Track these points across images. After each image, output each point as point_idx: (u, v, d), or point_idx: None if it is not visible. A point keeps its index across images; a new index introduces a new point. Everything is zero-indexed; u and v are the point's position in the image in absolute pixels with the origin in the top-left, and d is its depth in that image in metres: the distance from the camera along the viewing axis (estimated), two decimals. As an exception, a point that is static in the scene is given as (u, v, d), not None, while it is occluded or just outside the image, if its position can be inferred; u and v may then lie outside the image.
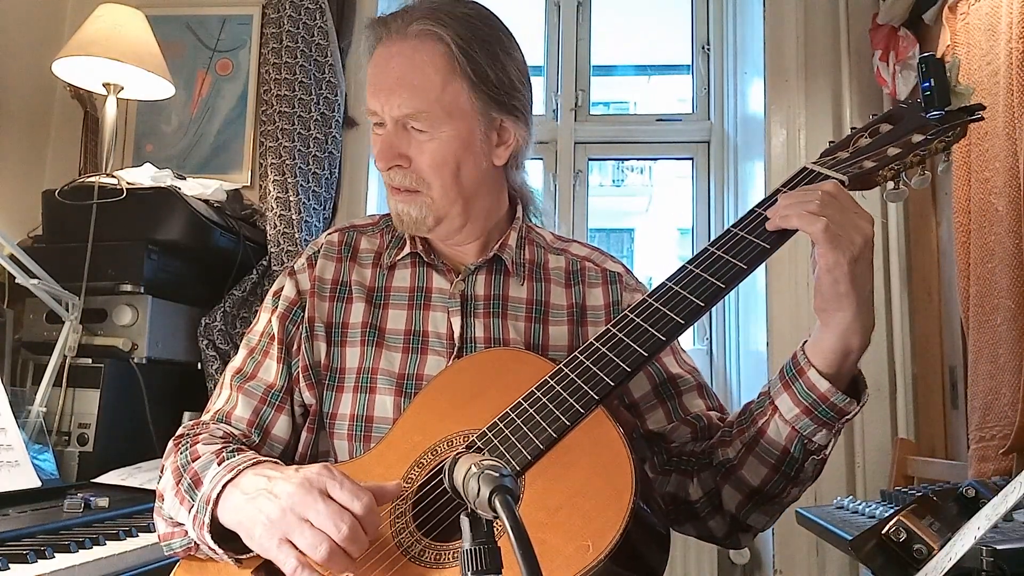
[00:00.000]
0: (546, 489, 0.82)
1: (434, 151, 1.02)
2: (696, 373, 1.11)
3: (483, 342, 1.06)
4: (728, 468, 0.97)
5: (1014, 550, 0.92)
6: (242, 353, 1.11)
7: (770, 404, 0.93)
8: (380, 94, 1.02)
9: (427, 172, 1.03)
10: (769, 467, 0.94)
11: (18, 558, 1.16)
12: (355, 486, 0.83)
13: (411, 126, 1.02)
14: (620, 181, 5.78)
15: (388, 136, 1.03)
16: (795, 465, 0.93)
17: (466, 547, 0.60)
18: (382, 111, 1.02)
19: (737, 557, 2.33)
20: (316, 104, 2.46)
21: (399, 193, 1.05)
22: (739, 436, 0.97)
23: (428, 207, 1.04)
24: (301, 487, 0.83)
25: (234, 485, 0.89)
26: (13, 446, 1.61)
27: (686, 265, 0.93)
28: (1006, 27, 1.65)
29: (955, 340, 2.00)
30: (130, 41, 2.15)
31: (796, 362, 0.91)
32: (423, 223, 1.05)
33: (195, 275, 2.17)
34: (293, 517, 0.82)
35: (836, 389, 0.88)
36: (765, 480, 0.95)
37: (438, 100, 1.00)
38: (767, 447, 0.93)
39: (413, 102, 1.00)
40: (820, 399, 0.89)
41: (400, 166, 1.03)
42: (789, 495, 0.97)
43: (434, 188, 1.03)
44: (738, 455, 0.96)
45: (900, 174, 0.97)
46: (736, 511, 0.98)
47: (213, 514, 0.90)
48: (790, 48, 2.46)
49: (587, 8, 2.97)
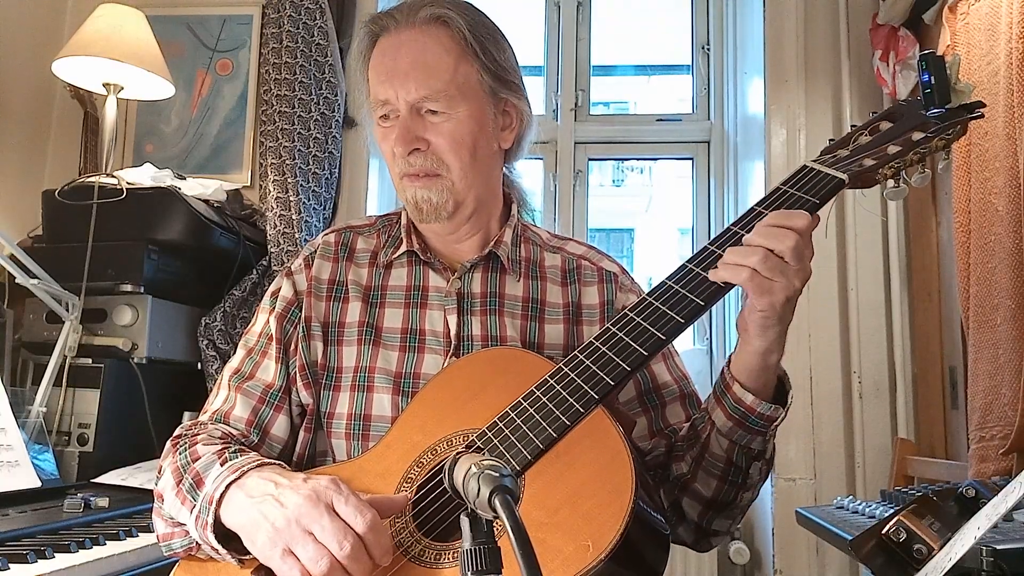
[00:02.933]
0: (546, 489, 0.82)
1: (452, 131, 1.03)
2: (684, 382, 1.11)
3: (480, 340, 1.06)
4: (683, 482, 0.99)
5: (1014, 550, 0.92)
6: (240, 353, 1.11)
7: (708, 419, 0.96)
8: (394, 80, 1.03)
9: (446, 153, 1.03)
10: (717, 478, 0.97)
11: (18, 558, 1.16)
12: (360, 503, 0.83)
13: (426, 109, 1.03)
14: (620, 181, 5.78)
15: (404, 121, 1.03)
16: (740, 473, 0.96)
17: (466, 547, 0.60)
18: (396, 98, 1.03)
19: (737, 557, 2.33)
20: (316, 104, 2.46)
21: (418, 179, 1.05)
22: (688, 451, 0.99)
23: (449, 190, 1.05)
24: (309, 499, 0.83)
25: (238, 486, 0.89)
26: (13, 446, 1.61)
27: (686, 264, 0.93)
28: (1006, 27, 1.65)
29: (955, 340, 2.00)
30: (130, 41, 2.15)
31: (724, 378, 0.94)
32: (443, 208, 1.05)
33: (195, 275, 2.17)
34: (298, 529, 0.82)
35: (760, 400, 0.91)
36: (716, 490, 0.97)
37: (452, 80, 1.02)
38: (712, 460, 0.96)
39: (429, 83, 1.02)
40: (748, 411, 0.91)
41: (419, 149, 1.04)
42: (743, 499, 1.00)
43: (453, 170, 1.04)
44: (690, 469, 0.98)
45: (900, 172, 0.97)
46: (699, 520, 1.01)
47: (216, 514, 0.89)
48: (790, 48, 2.46)
49: (587, 8, 2.97)
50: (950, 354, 2.06)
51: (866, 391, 2.29)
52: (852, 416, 2.28)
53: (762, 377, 0.91)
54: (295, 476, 0.89)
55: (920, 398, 2.23)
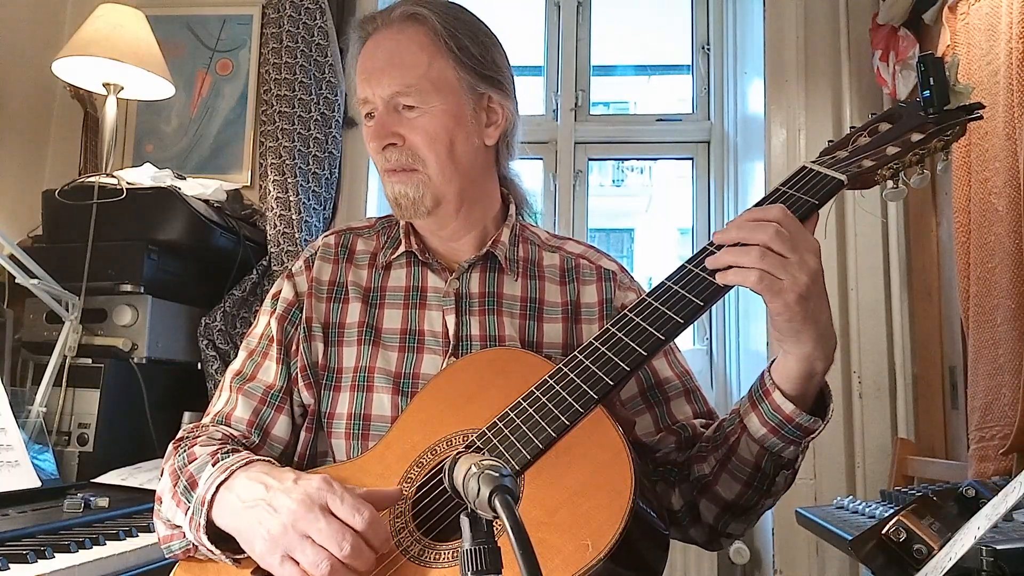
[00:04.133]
0: (546, 488, 0.82)
1: (426, 125, 1.04)
2: (687, 377, 1.11)
3: (478, 339, 1.06)
4: (704, 483, 0.98)
5: (1014, 550, 0.92)
6: (242, 355, 1.12)
7: (740, 423, 0.94)
8: (371, 78, 1.05)
9: (421, 147, 1.04)
10: (742, 483, 0.95)
11: (18, 558, 1.16)
12: (355, 500, 0.83)
13: (402, 105, 1.04)
14: (620, 181, 5.78)
15: (380, 117, 1.05)
16: (767, 480, 0.95)
17: (466, 547, 0.60)
18: (373, 95, 1.05)
19: (737, 557, 2.33)
20: (316, 104, 2.46)
21: (395, 174, 1.06)
22: (712, 453, 0.98)
23: (425, 185, 1.05)
24: (302, 504, 0.83)
25: (227, 487, 0.89)
26: (13, 446, 1.61)
27: (685, 264, 0.93)
28: (1006, 27, 1.65)
29: (955, 340, 2.00)
30: (130, 41, 2.15)
31: (763, 383, 0.92)
32: (421, 204, 1.06)
33: (195, 275, 2.17)
34: (294, 534, 0.82)
35: (800, 410, 0.89)
36: (739, 495, 0.96)
37: (426, 75, 1.03)
38: (739, 464, 0.95)
39: (403, 78, 1.03)
40: (786, 420, 0.90)
41: (394, 144, 1.04)
42: (763, 506, 0.99)
43: (429, 164, 1.05)
44: (712, 471, 0.97)
45: (899, 173, 0.97)
46: (714, 522, 1.00)
47: (208, 516, 0.90)
48: (790, 48, 2.46)
49: (587, 8, 2.97)
50: (950, 354, 2.06)
51: (866, 391, 2.29)
52: (852, 416, 2.28)
53: (804, 386, 0.89)
54: (285, 476, 0.88)
55: (920, 398, 2.23)
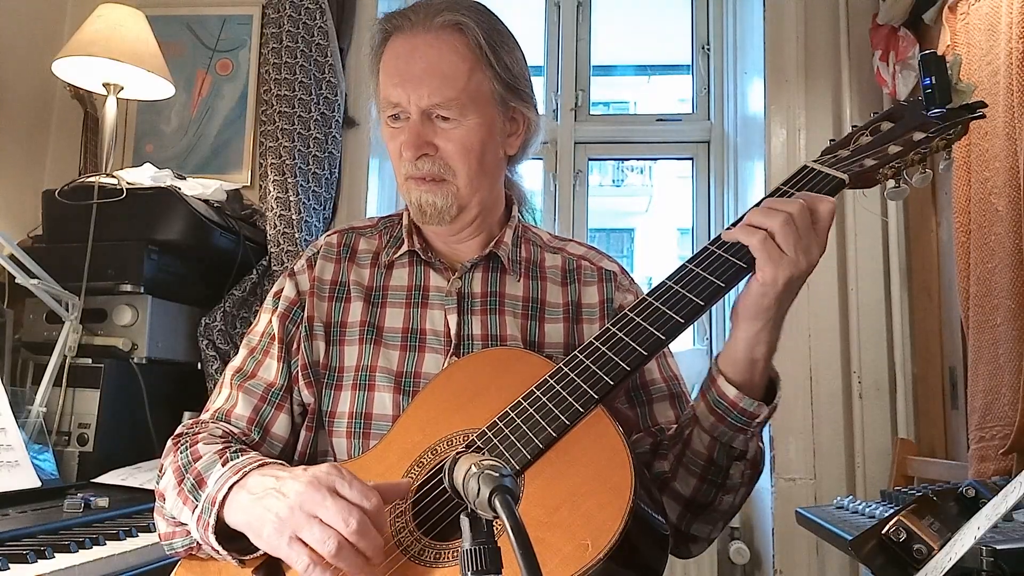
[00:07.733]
0: (546, 488, 0.82)
1: (461, 138, 1.03)
2: (674, 382, 1.10)
3: (480, 339, 1.06)
4: (663, 480, 0.98)
5: (1014, 550, 0.92)
6: (242, 353, 1.12)
7: (693, 416, 0.95)
8: (407, 84, 1.03)
9: (455, 159, 1.04)
10: (696, 476, 0.95)
11: (18, 558, 1.16)
12: (364, 486, 0.83)
13: (437, 115, 1.03)
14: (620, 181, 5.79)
15: (415, 126, 1.03)
16: (721, 472, 0.95)
17: (466, 547, 0.60)
18: (408, 102, 1.03)
19: (737, 557, 2.33)
20: (316, 104, 2.46)
21: (424, 183, 1.05)
22: (672, 449, 0.98)
23: (454, 195, 1.05)
24: (310, 485, 0.83)
25: (240, 487, 0.89)
26: (13, 446, 1.61)
27: (686, 264, 0.93)
28: (1006, 27, 1.65)
29: (955, 340, 2.00)
30: (130, 41, 2.15)
31: (710, 372, 0.93)
32: (447, 212, 1.06)
33: (195, 275, 2.17)
34: (302, 514, 0.82)
35: (744, 395, 0.90)
36: (695, 489, 0.96)
37: (465, 89, 1.02)
38: (692, 457, 0.95)
39: (443, 91, 1.02)
40: (731, 406, 0.90)
41: (427, 154, 1.04)
42: (722, 502, 0.98)
43: (460, 176, 1.05)
44: (671, 467, 0.97)
45: (901, 172, 0.97)
46: (677, 522, 0.99)
47: (219, 515, 0.90)
48: (790, 48, 2.46)
49: (587, 8, 2.97)
50: (950, 354, 2.06)
51: (866, 391, 2.29)
52: (852, 416, 2.28)
53: (748, 371, 0.90)
54: (295, 469, 0.89)
55: (920, 398, 2.23)
